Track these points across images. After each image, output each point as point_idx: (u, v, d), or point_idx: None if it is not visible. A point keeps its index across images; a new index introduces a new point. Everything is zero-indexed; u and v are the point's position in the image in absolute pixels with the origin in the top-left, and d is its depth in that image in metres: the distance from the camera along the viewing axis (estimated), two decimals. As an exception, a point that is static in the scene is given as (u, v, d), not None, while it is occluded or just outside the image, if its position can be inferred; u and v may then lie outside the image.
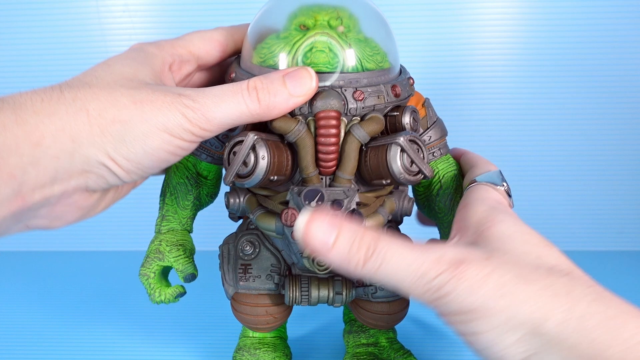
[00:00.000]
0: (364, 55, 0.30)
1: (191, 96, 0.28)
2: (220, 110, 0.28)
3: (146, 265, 0.35)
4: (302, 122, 0.30)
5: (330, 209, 0.29)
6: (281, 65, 0.30)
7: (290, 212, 0.30)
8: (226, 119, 0.28)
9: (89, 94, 0.27)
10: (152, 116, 0.27)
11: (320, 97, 0.29)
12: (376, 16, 0.32)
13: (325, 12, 0.30)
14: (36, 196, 0.26)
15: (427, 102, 0.36)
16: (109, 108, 0.27)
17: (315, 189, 0.30)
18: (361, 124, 0.30)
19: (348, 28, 0.30)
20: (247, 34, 0.33)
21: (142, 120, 0.27)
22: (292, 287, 0.34)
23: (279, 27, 0.30)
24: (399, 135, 0.29)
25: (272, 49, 0.30)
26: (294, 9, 0.31)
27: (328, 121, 0.29)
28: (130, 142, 0.27)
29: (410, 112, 0.31)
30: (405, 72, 0.33)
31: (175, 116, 0.27)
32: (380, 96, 0.30)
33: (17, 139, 0.25)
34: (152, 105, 0.27)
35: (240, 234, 0.36)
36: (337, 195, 0.30)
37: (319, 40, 0.29)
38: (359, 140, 0.30)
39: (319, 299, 0.35)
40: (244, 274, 0.35)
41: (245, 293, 0.36)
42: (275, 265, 0.36)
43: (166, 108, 0.27)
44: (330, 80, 0.30)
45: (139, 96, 0.27)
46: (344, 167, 0.30)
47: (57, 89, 0.27)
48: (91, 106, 0.26)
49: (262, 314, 0.36)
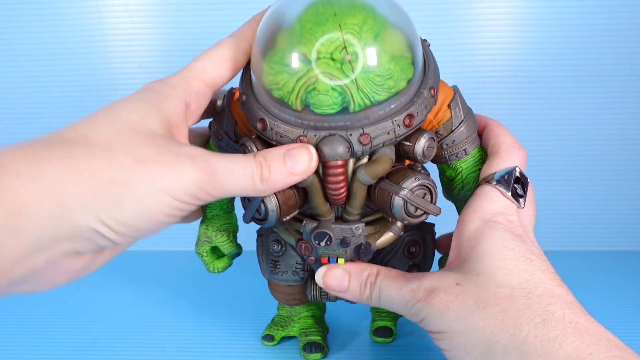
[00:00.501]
0: (372, 88, 0.27)
1: (206, 159, 0.26)
2: (232, 179, 0.27)
3: (199, 246, 0.40)
4: None
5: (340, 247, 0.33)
6: (287, 99, 0.28)
7: (304, 245, 0.34)
8: (233, 188, 0.27)
9: (85, 151, 0.24)
10: (156, 178, 0.25)
11: (325, 144, 0.28)
12: (397, 9, 0.29)
13: (329, 40, 0.27)
14: (17, 271, 0.23)
15: (455, 99, 0.33)
16: (105, 168, 0.24)
17: (324, 232, 0.32)
18: (366, 168, 0.30)
19: (354, 51, 0.27)
20: (255, 38, 0.30)
21: (142, 181, 0.24)
22: (313, 287, 0.38)
23: (283, 44, 0.28)
24: (404, 185, 0.30)
25: (278, 79, 0.28)
26: (299, 17, 0.28)
27: (334, 170, 0.29)
28: (126, 204, 0.24)
29: (424, 140, 0.30)
30: (428, 77, 0.30)
31: (184, 180, 0.25)
32: (390, 132, 0.29)
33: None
34: (158, 165, 0.25)
35: (270, 229, 0.39)
36: (345, 233, 0.32)
37: (321, 83, 0.27)
38: (364, 184, 0.30)
39: (337, 297, 0.37)
40: (274, 268, 0.40)
41: (277, 283, 0.40)
42: (299, 263, 0.39)
43: (175, 170, 0.25)
44: (336, 122, 0.28)
45: (143, 154, 0.25)
46: (352, 204, 0.31)
47: (48, 145, 0.24)
48: (85, 165, 0.24)
49: (291, 299, 0.41)
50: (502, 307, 0.26)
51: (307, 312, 0.43)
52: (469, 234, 0.30)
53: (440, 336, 0.28)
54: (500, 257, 0.28)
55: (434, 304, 0.28)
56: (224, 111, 0.34)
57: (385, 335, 0.43)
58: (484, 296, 0.27)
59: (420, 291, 0.29)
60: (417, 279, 0.30)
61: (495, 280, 0.28)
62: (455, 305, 0.27)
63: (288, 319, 0.44)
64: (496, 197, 0.32)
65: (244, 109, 0.31)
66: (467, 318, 0.27)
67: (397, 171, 0.31)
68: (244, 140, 0.31)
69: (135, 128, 0.26)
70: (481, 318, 0.27)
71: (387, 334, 0.43)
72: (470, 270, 0.29)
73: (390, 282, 0.31)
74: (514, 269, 0.28)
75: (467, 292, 0.28)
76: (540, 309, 0.26)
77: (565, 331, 0.25)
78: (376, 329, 0.44)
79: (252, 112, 0.30)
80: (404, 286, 0.30)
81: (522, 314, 0.26)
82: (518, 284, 0.27)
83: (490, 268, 0.28)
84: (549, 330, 0.25)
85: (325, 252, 0.33)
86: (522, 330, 0.26)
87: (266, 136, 0.30)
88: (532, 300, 0.26)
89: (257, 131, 0.30)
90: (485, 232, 0.30)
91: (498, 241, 0.29)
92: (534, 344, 0.25)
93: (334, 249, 0.33)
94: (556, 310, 0.26)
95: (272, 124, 0.29)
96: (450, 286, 0.28)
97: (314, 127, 0.28)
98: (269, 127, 0.29)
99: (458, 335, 0.27)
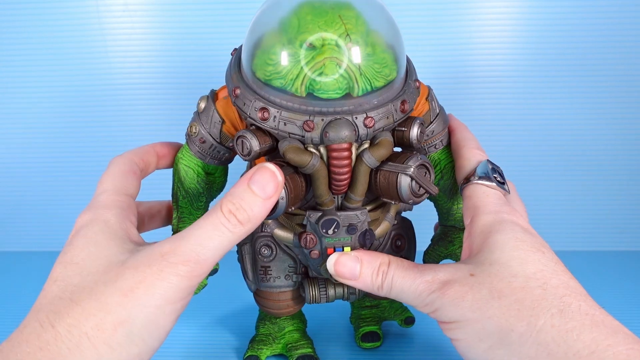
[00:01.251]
0: (373, 73, 0.29)
1: (174, 250, 0.27)
2: (209, 250, 0.27)
3: None
4: (316, 155, 0.30)
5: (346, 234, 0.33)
6: (289, 87, 0.29)
7: (309, 237, 0.33)
8: (217, 254, 0.28)
9: (80, 314, 0.25)
10: (149, 298, 0.26)
11: (332, 128, 0.29)
12: (380, 9, 0.31)
13: (333, 29, 0.29)
14: None
15: (431, 94, 0.36)
16: (104, 317, 0.25)
17: (331, 219, 0.32)
18: (371, 150, 0.30)
19: (356, 38, 0.29)
20: (246, 33, 0.31)
21: (140, 310, 0.25)
22: (311, 288, 0.38)
23: (283, 36, 0.29)
24: (410, 163, 0.30)
25: (279, 68, 0.29)
26: (296, 12, 0.29)
27: (340, 153, 0.29)
28: (138, 336, 0.25)
29: (417, 126, 0.32)
30: (411, 72, 0.33)
31: (170, 282, 0.26)
32: (390, 116, 0.30)
33: None
34: (143, 286, 0.26)
35: (256, 235, 0.38)
36: (351, 219, 0.32)
37: (329, 67, 0.28)
38: (369, 166, 0.30)
39: (335, 296, 0.38)
40: (265, 275, 0.38)
41: (268, 291, 0.39)
42: (292, 266, 0.38)
43: (157, 280, 0.26)
44: (341, 107, 0.29)
45: (125, 284, 0.26)
46: (355, 190, 0.31)
47: (48, 326, 0.25)
48: (88, 326, 0.25)
49: (283, 306, 0.39)
50: (518, 296, 0.27)
51: (292, 326, 0.42)
52: (480, 229, 0.31)
53: (454, 326, 0.28)
54: (514, 247, 0.29)
55: (448, 294, 0.28)
56: (207, 112, 0.34)
57: (373, 340, 0.43)
58: (499, 286, 0.27)
59: (435, 283, 0.29)
60: (431, 271, 0.30)
61: (509, 269, 0.28)
62: (470, 295, 0.28)
63: (270, 336, 0.42)
64: (488, 192, 0.33)
65: (237, 103, 0.31)
66: (482, 308, 0.27)
67: (397, 155, 0.32)
68: (243, 132, 0.30)
69: (105, 267, 0.27)
70: (496, 307, 0.27)
71: (374, 338, 0.43)
72: (484, 261, 0.29)
73: (403, 273, 0.31)
74: (527, 259, 0.28)
75: (482, 283, 0.28)
76: (556, 300, 0.26)
77: (583, 322, 0.25)
78: (363, 335, 0.43)
79: (249, 103, 0.30)
80: (417, 277, 0.30)
81: (538, 304, 0.26)
82: (533, 273, 0.27)
83: (504, 258, 0.28)
84: (566, 321, 0.25)
85: (331, 242, 0.33)
86: (539, 319, 0.26)
87: (267, 126, 0.30)
88: (547, 291, 0.27)
89: (255, 123, 0.30)
90: (496, 225, 0.30)
91: (510, 233, 0.29)
92: (551, 334, 0.25)
93: (340, 238, 0.33)
94: (572, 301, 0.26)
95: (275, 112, 0.29)
96: (464, 277, 0.29)
97: (319, 112, 0.29)
98: (271, 115, 0.29)
99: (472, 325, 0.27)
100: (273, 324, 0.42)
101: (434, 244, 0.41)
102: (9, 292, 0.54)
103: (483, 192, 0.33)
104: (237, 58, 0.33)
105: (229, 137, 0.34)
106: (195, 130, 0.34)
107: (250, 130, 0.31)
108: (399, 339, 0.45)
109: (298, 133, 0.29)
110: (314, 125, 0.29)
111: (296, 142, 0.30)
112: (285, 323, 0.42)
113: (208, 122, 0.34)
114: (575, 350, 0.24)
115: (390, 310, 0.45)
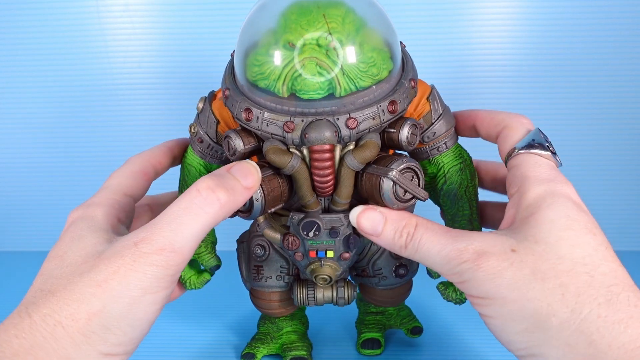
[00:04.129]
0: (358, 73, 0.29)
1: (147, 238, 0.26)
2: (184, 237, 0.27)
3: None
4: (296, 156, 0.30)
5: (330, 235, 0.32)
6: (273, 88, 0.29)
7: (291, 239, 0.33)
8: (193, 240, 0.27)
9: (55, 304, 0.25)
10: (123, 288, 0.26)
11: (312, 129, 0.29)
12: (372, 6, 0.30)
13: (314, 28, 0.28)
14: None
15: (433, 93, 0.34)
16: (78, 307, 0.25)
17: (312, 221, 0.32)
18: (354, 153, 0.30)
19: (339, 37, 0.28)
20: (239, 36, 0.31)
21: (115, 300, 0.25)
22: (300, 290, 0.38)
23: (270, 37, 0.29)
24: (392, 167, 0.30)
25: (263, 69, 0.29)
26: (283, 13, 0.29)
27: (321, 155, 0.29)
28: (115, 326, 0.26)
29: (408, 127, 0.31)
30: (408, 71, 0.32)
31: (145, 272, 0.26)
32: (376, 117, 0.29)
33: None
34: (116, 276, 0.26)
35: (252, 234, 0.38)
36: (334, 222, 0.32)
37: (308, 67, 0.28)
38: (351, 168, 0.30)
39: (324, 300, 0.38)
40: (257, 274, 0.38)
41: (260, 290, 0.39)
42: (284, 267, 0.38)
43: (131, 271, 0.26)
44: (322, 107, 0.29)
45: (99, 275, 0.26)
46: (340, 192, 0.31)
47: (25, 315, 0.25)
48: (63, 315, 0.25)
49: (274, 307, 0.39)
50: (563, 280, 0.25)
51: (290, 327, 0.42)
52: (528, 201, 0.28)
53: (486, 302, 0.27)
54: (565, 226, 0.27)
55: (483, 267, 0.26)
56: (205, 112, 0.34)
57: (374, 347, 0.42)
58: (543, 267, 0.25)
59: (468, 252, 0.27)
60: (464, 238, 0.28)
61: (556, 251, 0.26)
62: (509, 272, 0.26)
63: (268, 335, 0.42)
64: (540, 162, 0.30)
65: (227, 104, 0.31)
66: (522, 288, 0.25)
67: (384, 157, 0.31)
68: (228, 132, 0.31)
69: (84, 258, 0.27)
70: (538, 290, 0.25)
71: (375, 345, 0.42)
72: (528, 237, 0.27)
73: (432, 237, 0.29)
74: (577, 241, 0.26)
75: (524, 261, 0.26)
76: (604, 289, 0.25)
77: (631, 315, 0.24)
78: (364, 342, 0.43)
79: (236, 104, 0.30)
80: (448, 244, 0.28)
81: (584, 291, 0.25)
82: (581, 258, 0.26)
83: (553, 237, 0.26)
84: (614, 312, 0.24)
85: (314, 245, 0.33)
86: (584, 307, 0.24)
87: (251, 126, 0.30)
88: (594, 278, 0.25)
89: (241, 123, 0.30)
90: (547, 199, 0.28)
91: (562, 210, 0.27)
92: (596, 324, 0.24)
93: (323, 241, 0.33)
94: (620, 292, 0.25)
95: (258, 113, 0.29)
96: (504, 251, 0.26)
97: (300, 113, 0.29)
98: (254, 116, 0.29)
99: (509, 304, 0.26)
100: (272, 324, 0.42)
101: None
102: (8, 292, 0.54)
103: (535, 161, 0.30)
104: (232, 60, 0.33)
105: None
106: (194, 131, 0.35)
107: (235, 130, 0.31)
108: (402, 349, 0.43)
109: (279, 134, 0.29)
110: (294, 126, 0.29)
111: (278, 142, 0.30)
112: (283, 323, 0.42)
113: (205, 122, 0.34)
114: (621, 343, 0.23)
115: (396, 318, 0.44)
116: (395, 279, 0.38)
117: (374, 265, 0.38)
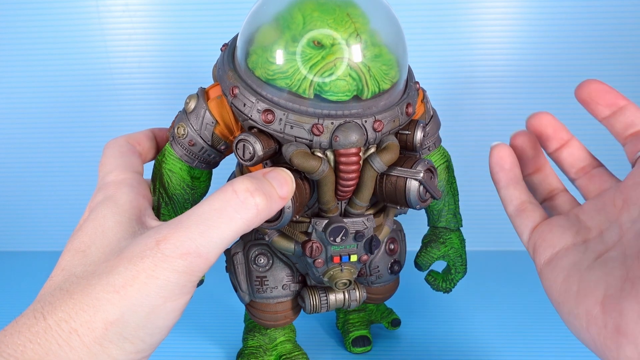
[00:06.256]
0: (381, 75, 0.28)
1: (170, 237, 0.24)
2: (212, 242, 0.24)
3: None
4: (324, 160, 0.28)
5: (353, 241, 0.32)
6: (296, 89, 0.27)
7: (315, 246, 0.32)
8: (222, 245, 0.24)
9: (72, 308, 0.23)
10: (142, 297, 0.23)
11: (341, 131, 0.27)
12: (383, 8, 0.30)
13: (343, 27, 0.27)
14: None
15: (425, 96, 0.35)
16: (95, 314, 0.23)
17: (340, 226, 0.31)
18: (380, 155, 0.29)
19: (365, 38, 0.27)
20: (241, 29, 0.29)
21: (134, 310, 0.23)
22: (312, 297, 0.36)
23: (286, 33, 0.27)
24: (419, 167, 0.30)
25: (284, 67, 0.27)
26: (300, 8, 0.27)
27: (349, 158, 0.28)
28: (133, 335, 0.23)
29: (421, 129, 0.31)
30: (411, 74, 0.32)
31: (166, 279, 0.23)
32: (396, 120, 0.29)
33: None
34: (136, 283, 0.23)
35: (249, 244, 0.37)
36: (358, 226, 0.31)
37: (340, 68, 0.27)
38: (377, 171, 0.29)
39: (336, 303, 0.37)
40: (261, 286, 0.36)
41: (264, 302, 0.37)
42: (289, 275, 0.37)
43: (151, 278, 0.23)
44: (350, 110, 0.28)
45: (118, 279, 0.23)
46: (361, 195, 0.30)
47: (40, 317, 0.23)
48: (78, 323, 0.23)
49: (280, 318, 0.38)
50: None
51: (284, 336, 0.41)
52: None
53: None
54: None
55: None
56: (197, 112, 0.31)
57: (364, 345, 0.43)
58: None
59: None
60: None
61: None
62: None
63: (261, 348, 0.40)
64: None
65: (235, 104, 0.29)
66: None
67: (402, 159, 0.31)
68: (243, 136, 0.28)
69: (107, 255, 0.25)
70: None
71: (365, 342, 0.43)
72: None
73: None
74: None
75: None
76: None
77: None
78: (353, 340, 0.43)
79: (250, 104, 0.28)
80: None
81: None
82: None
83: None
84: None
85: (337, 250, 0.32)
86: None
87: (272, 129, 0.28)
88: None
89: (257, 125, 0.28)
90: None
91: None
92: None
93: (347, 245, 0.32)
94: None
95: (281, 115, 0.27)
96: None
97: (328, 115, 0.27)
98: (276, 118, 0.27)
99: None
100: (263, 335, 0.41)
101: (425, 246, 0.39)
102: (8, 292, 0.54)
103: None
104: (229, 55, 0.30)
105: (221, 139, 0.32)
106: (184, 132, 0.32)
107: (252, 133, 0.28)
108: (387, 342, 0.45)
109: (306, 137, 0.28)
110: (323, 128, 0.27)
111: (303, 146, 0.28)
112: (276, 334, 0.41)
113: (198, 123, 0.31)
114: None
115: (377, 313, 0.45)
116: (390, 275, 0.39)
117: (371, 264, 0.39)
